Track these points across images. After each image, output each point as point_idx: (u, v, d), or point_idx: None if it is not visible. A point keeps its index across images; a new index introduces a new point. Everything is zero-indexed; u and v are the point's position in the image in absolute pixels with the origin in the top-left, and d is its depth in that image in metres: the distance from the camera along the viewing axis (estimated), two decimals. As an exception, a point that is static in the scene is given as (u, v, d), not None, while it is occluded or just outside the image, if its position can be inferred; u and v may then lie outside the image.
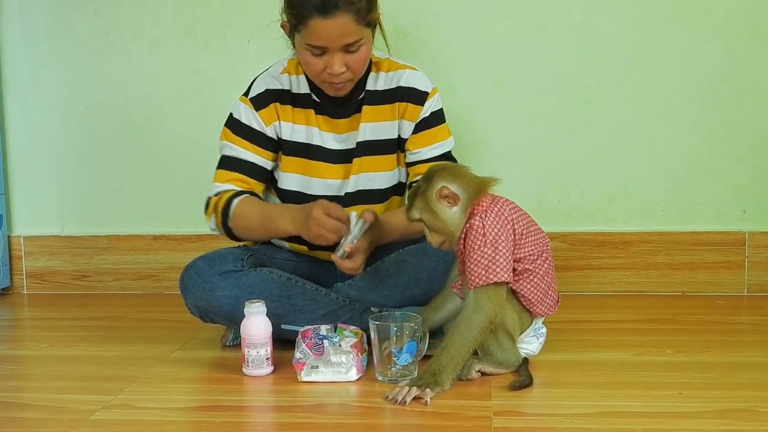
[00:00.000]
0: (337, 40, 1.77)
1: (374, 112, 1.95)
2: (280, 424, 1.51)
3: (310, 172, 1.96)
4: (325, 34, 1.76)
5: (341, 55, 1.80)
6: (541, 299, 1.71)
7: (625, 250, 2.40)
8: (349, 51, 1.80)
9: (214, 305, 1.84)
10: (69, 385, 1.74)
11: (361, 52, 1.82)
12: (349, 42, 1.78)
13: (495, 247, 1.61)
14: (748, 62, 2.33)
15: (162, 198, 2.56)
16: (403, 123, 1.96)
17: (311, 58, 1.82)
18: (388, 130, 1.96)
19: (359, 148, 1.95)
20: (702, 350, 1.86)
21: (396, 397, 1.54)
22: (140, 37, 2.51)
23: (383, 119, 1.96)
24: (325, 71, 1.82)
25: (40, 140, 2.59)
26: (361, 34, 1.80)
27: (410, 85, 1.96)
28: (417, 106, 1.95)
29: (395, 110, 1.96)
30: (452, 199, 1.64)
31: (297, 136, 1.95)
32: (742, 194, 2.38)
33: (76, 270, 2.61)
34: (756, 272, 2.37)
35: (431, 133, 1.97)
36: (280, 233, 1.89)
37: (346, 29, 1.76)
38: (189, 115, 2.52)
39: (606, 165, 2.41)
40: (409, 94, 1.95)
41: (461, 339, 1.59)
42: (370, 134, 1.96)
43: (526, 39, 2.39)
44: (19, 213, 2.63)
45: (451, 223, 1.66)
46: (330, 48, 1.79)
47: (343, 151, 1.96)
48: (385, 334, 1.63)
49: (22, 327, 2.34)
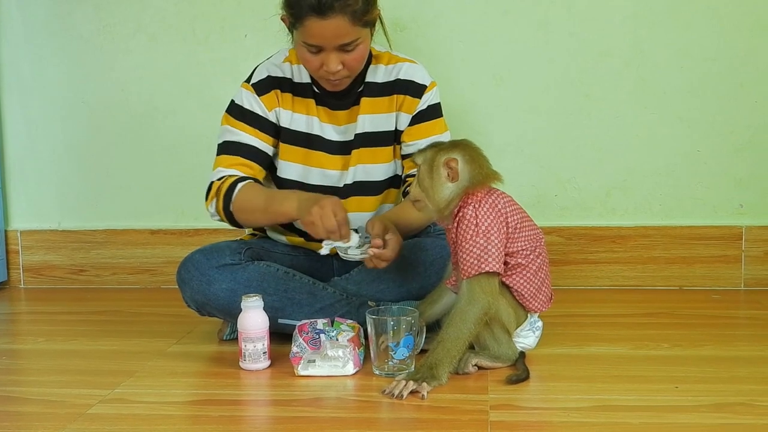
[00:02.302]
0: (333, 41, 1.77)
1: (372, 104, 1.96)
2: (277, 418, 1.51)
3: (310, 161, 1.96)
4: (320, 35, 1.76)
5: (337, 54, 1.80)
6: (534, 294, 1.71)
7: (623, 244, 2.41)
8: (346, 50, 1.80)
9: (211, 298, 1.84)
10: (66, 379, 1.74)
11: (358, 50, 1.82)
12: (344, 42, 1.78)
13: (487, 237, 1.61)
14: (747, 56, 2.33)
15: (159, 192, 2.56)
16: (400, 115, 1.97)
17: (308, 55, 1.82)
18: (386, 122, 1.97)
19: (357, 139, 1.96)
20: (699, 344, 1.86)
21: (393, 391, 1.54)
22: (139, 32, 2.51)
23: (381, 111, 1.96)
24: (321, 68, 1.82)
25: (37, 135, 2.59)
26: (358, 34, 1.79)
27: (408, 78, 1.96)
28: (414, 99, 1.96)
29: (393, 102, 1.96)
30: (453, 175, 1.64)
31: (296, 124, 1.95)
32: (739, 188, 2.38)
33: (74, 264, 2.61)
34: (753, 266, 2.37)
35: (427, 126, 1.97)
36: (280, 216, 1.84)
37: (342, 30, 1.76)
38: (187, 109, 2.52)
39: (604, 159, 2.41)
40: (407, 87, 1.96)
41: (457, 332, 1.59)
42: (369, 126, 1.96)
43: (525, 33, 2.39)
44: (16, 207, 2.63)
45: (438, 194, 1.65)
46: (326, 47, 1.79)
47: (342, 142, 1.97)
48: (382, 328, 1.63)
49: (19, 321, 2.33)
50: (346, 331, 1.73)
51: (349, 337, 1.71)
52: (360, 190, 1.97)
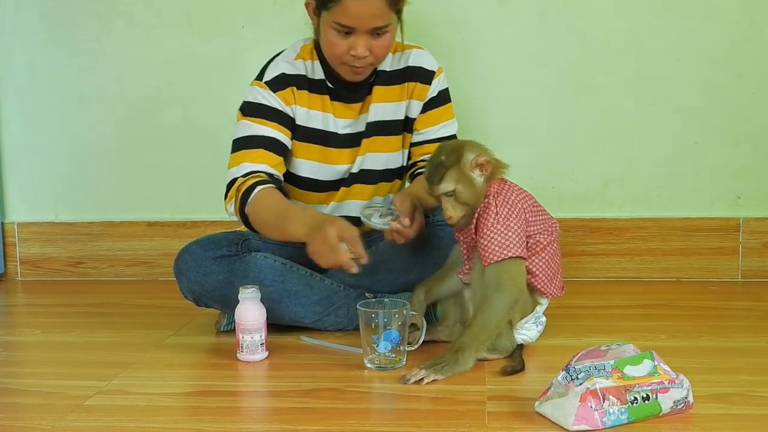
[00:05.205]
0: (367, 22, 1.77)
1: (384, 92, 1.96)
2: (274, 409, 1.51)
3: (324, 158, 1.95)
4: (356, 14, 1.76)
5: (367, 38, 1.80)
6: (551, 278, 1.72)
7: (620, 236, 2.40)
8: (376, 35, 1.80)
9: (207, 289, 1.84)
10: (63, 370, 1.74)
11: (386, 38, 1.82)
12: (377, 25, 1.78)
13: (507, 224, 1.63)
14: (745, 47, 2.33)
15: (156, 185, 2.56)
16: (412, 103, 1.97)
17: (336, 38, 1.80)
18: (396, 111, 1.97)
19: (368, 129, 1.96)
20: (696, 335, 1.86)
21: (409, 378, 1.56)
22: (135, 24, 2.50)
23: (392, 100, 1.96)
24: (348, 53, 1.81)
25: (34, 127, 2.58)
26: (390, 20, 1.80)
27: (418, 65, 1.97)
28: (425, 86, 1.97)
29: (404, 90, 1.97)
30: (486, 166, 1.65)
31: (312, 122, 1.94)
32: (737, 180, 2.38)
33: (71, 256, 2.60)
34: (750, 258, 2.37)
35: (439, 112, 1.98)
36: (290, 236, 1.76)
37: (378, 11, 1.76)
38: (184, 101, 2.51)
39: (601, 151, 2.40)
40: (418, 74, 1.97)
41: (485, 318, 1.59)
42: (380, 114, 1.96)
43: (523, 24, 2.38)
44: (13, 199, 2.63)
45: (480, 194, 1.66)
46: (357, 29, 1.78)
47: (353, 134, 1.96)
48: (368, 320, 1.63)
49: (16, 313, 2.33)
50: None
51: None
52: (365, 178, 1.97)
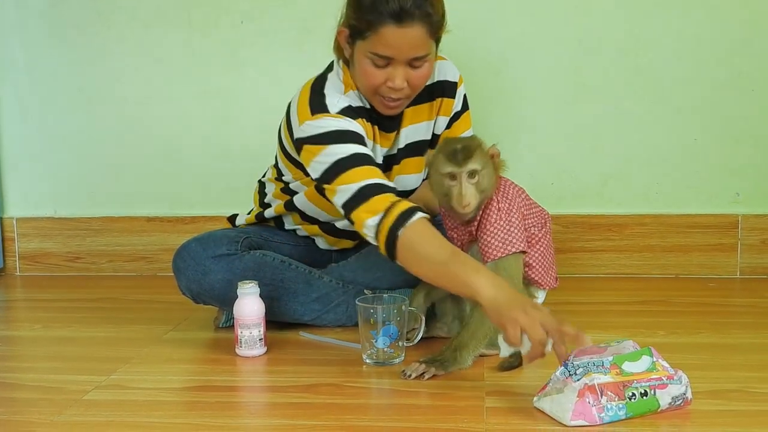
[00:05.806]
0: (407, 52, 1.66)
1: (413, 113, 1.86)
2: (272, 404, 1.51)
3: None
4: (395, 44, 1.64)
5: (405, 69, 1.68)
6: (547, 270, 1.73)
7: (619, 233, 2.41)
8: (414, 66, 1.69)
9: (206, 288, 1.84)
10: (62, 365, 1.74)
11: (424, 68, 1.71)
12: (417, 55, 1.67)
13: (508, 219, 1.65)
14: (744, 45, 2.33)
15: (155, 180, 2.55)
16: (439, 119, 1.90)
17: (372, 69, 1.69)
18: (426, 131, 1.89)
19: (399, 153, 1.88)
20: (694, 332, 1.86)
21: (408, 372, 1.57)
22: (134, 19, 2.49)
23: (422, 119, 1.88)
24: (385, 84, 1.70)
25: (33, 122, 2.58)
26: (429, 49, 1.69)
27: (444, 78, 1.88)
28: (450, 99, 1.89)
29: (433, 108, 1.88)
30: (496, 158, 1.66)
31: (376, 157, 1.82)
32: (735, 177, 2.38)
33: (70, 252, 2.60)
34: (749, 255, 2.37)
35: (460, 123, 1.92)
36: (461, 285, 1.51)
37: (418, 41, 1.65)
38: (183, 97, 2.51)
39: (600, 147, 2.40)
40: (444, 88, 1.88)
41: (482, 315, 1.58)
42: (411, 137, 1.87)
43: (521, 22, 2.38)
44: (12, 195, 2.62)
45: (494, 185, 1.66)
46: (396, 59, 1.67)
47: (385, 159, 1.87)
48: (366, 315, 1.63)
49: (15, 308, 2.33)
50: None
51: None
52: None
